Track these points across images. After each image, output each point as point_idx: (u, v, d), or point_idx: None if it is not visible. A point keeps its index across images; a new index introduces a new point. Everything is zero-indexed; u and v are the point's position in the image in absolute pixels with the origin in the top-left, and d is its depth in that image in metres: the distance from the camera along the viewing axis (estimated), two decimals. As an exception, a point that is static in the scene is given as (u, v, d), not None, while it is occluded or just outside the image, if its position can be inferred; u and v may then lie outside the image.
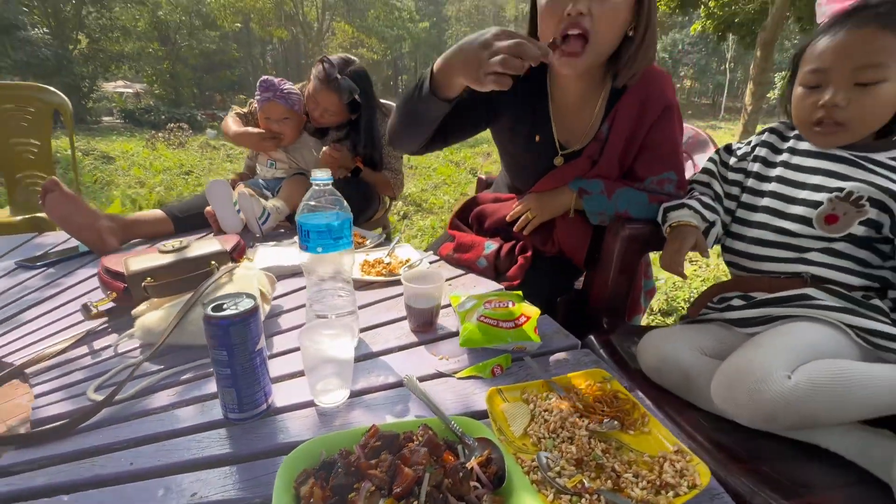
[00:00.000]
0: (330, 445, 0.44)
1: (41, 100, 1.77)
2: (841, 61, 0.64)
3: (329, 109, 1.39)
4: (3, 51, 13.86)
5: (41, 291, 0.88)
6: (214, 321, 0.47)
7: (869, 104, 0.64)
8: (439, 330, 0.74)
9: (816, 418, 0.54)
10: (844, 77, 0.64)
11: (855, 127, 0.66)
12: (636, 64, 0.82)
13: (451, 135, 0.95)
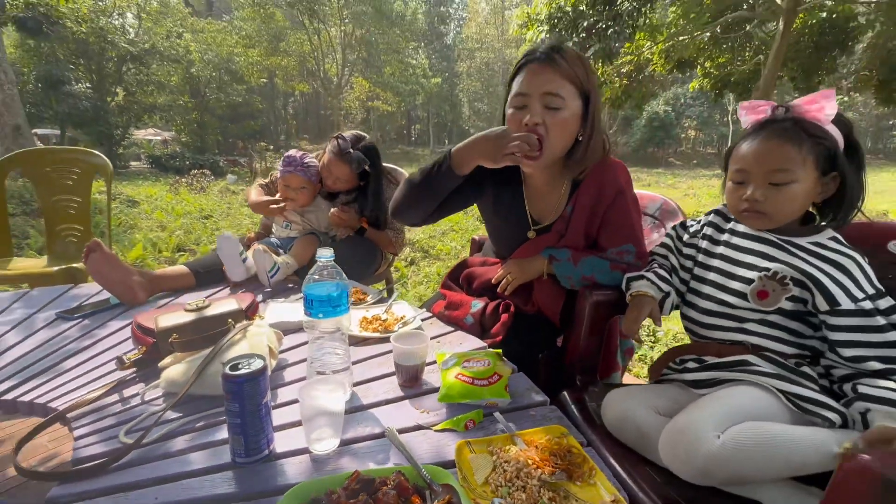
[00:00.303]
0: (318, 487, 0.53)
1: (86, 162, 1.99)
2: (757, 165, 0.76)
3: (341, 178, 1.56)
4: (48, 103, 15.05)
5: (78, 342, 1.00)
6: (231, 378, 0.58)
7: (781, 200, 0.76)
8: (424, 385, 0.84)
9: (744, 475, 0.62)
10: (760, 177, 0.76)
11: (774, 216, 0.77)
12: (585, 161, 1.01)
13: (445, 209, 1.12)
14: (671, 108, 29.26)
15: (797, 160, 0.73)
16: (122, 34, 17.20)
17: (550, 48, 0.95)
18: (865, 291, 0.71)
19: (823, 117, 0.75)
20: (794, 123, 0.75)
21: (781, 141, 0.74)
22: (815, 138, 0.74)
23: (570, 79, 0.94)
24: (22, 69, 15.00)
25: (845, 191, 0.75)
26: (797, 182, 0.74)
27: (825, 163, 0.74)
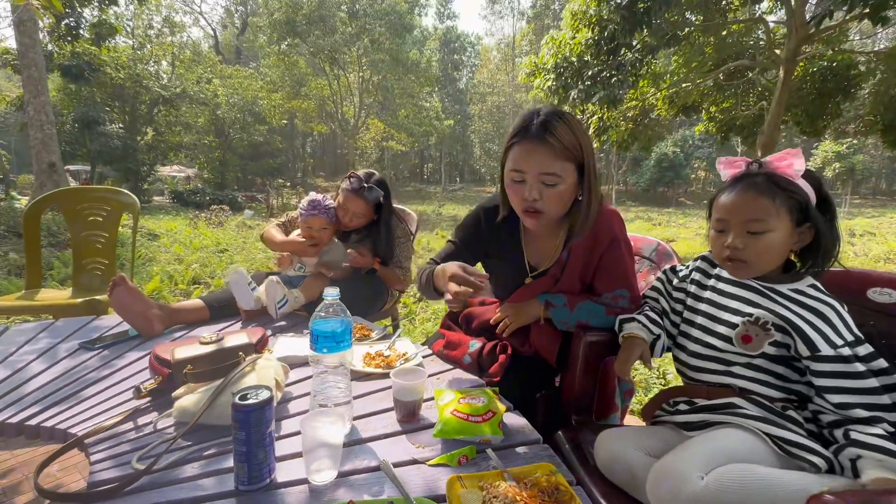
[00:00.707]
0: (315, 515, 0.57)
1: (117, 200, 2.14)
2: (735, 215, 0.82)
3: (358, 213, 1.65)
4: (82, 142, 15.98)
5: (98, 371, 1.06)
6: (240, 407, 0.63)
7: (759, 248, 0.80)
8: (421, 421, 0.87)
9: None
10: (739, 227, 0.82)
11: (754, 264, 0.82)
12: (588, 221, 1.05)
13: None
14: (680, 149, 29.69)
15: (771, 211, 0.78)
16: (157, 79, 18.43)
17: (542, 126, 0.96)
18: (844, 338, 0.73)
19: (793, 172, 0.81)
20: (767, 178, 0.80)
21: (756, 193, 0.80)
22: (787, 192, 0.79)
23: (564, 156, 0.97)
24: (62, 111, 16.07)
25: (820, 240, 0.80)
26: (773, 231, 0.79)
27: (798, 214, 0.79)
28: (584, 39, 5.98)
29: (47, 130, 9.32)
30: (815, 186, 0.81)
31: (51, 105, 9.48)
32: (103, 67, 15.47)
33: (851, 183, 30.67)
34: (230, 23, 36.69)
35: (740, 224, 0.81)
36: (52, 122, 9.41)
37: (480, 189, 37.58)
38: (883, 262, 7.86)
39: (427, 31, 35.40)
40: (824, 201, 0.82)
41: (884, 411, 0.69)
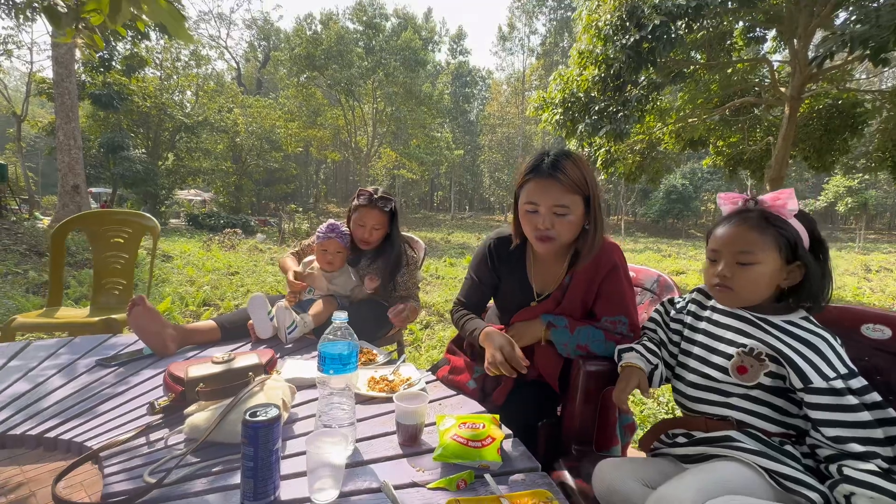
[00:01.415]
0: (316, 531, 0.59)
1: (139, 223, 2.23)
2: (726, 246, 0.86)
3: (376, 225, 1.70)
4: (106, 165, 16.63)
5: (113, 388, 1.10)
6: (250, 424, 0.66)
7: (746, 278, 0.84)
8: (423, 445, 0.89)
9: None
10: (729, 257, 0.85)
11: (740, 293, 0.85)
12: (593, 247, 1.12)
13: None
14: (689, 181, 29.84)
15: (760, 244, 0.82)
16: (181, 108, 19.30)
17: (553, 165, 1.08)
18: (837, 371, 0.75)
19: (786, 212, 0.84)
20: (760, 214, 0.84)
21: (748, 227, 0.84)
22: (778, 228, 0.82)
23: (572, 190, 1.07)
24: (89, 136, 16.84)
25: (810, 279, 0.82)
26: (760, 264, 0.82)
27: (788, 251, 0.82)
28: (591, 76, 6.19)
29: (74, 154, 9.76)
30: (809, 228, 0.84)
31: (80, 130, 9.97)
32: (131, 96, 16.30)
33: (865, 218, 30.34)
34: (253, 56, 38.59)
35: (730, 254, 0.85)
36: (79, 148, 9.86)
37: (489, 217, 37.89)
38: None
39: (440, 65, 36.83)
40: (818, 243, 0.85)
41: (878, 446, 0.69)
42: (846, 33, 4.33)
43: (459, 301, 1.35)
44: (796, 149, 8.44)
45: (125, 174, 16.52)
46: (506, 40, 41.38)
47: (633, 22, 5.30)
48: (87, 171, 14.23)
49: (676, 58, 6.83)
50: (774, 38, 8.00)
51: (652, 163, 9.21)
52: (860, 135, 8.22)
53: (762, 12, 6.86)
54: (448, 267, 8.46)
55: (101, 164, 16.82)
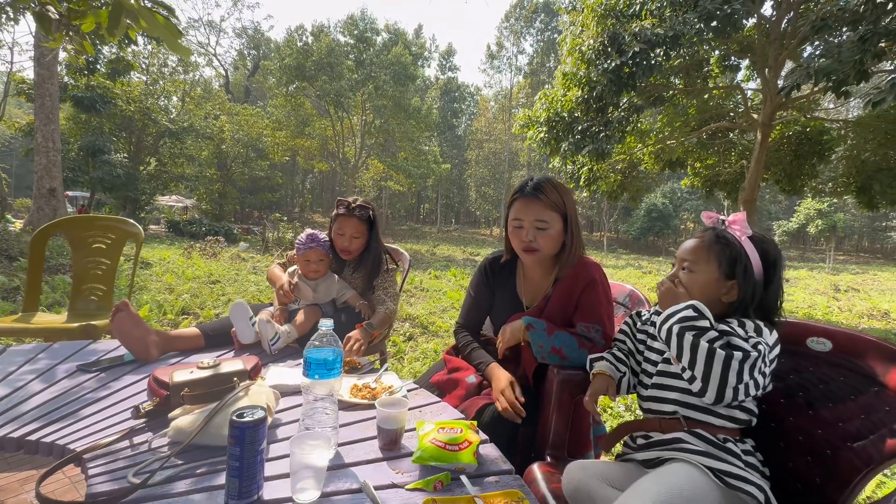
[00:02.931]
0: (298, 526, 0.62)
1: (122, 229, 2.22)
2: (680, 254, 0.96)
3: (355, 234, 1.75)
4: (85, 169, 16.24)
5: (95, 392, 1.10)
6: (237, 424, 0.69)
7: (688, 282, 0.94)
8: (402, 449, 0.92)
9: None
10: (679, 262, 0.96)
11: (682, 295, 0.93)
12: (571, 257, 1.27)
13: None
14: (668, 200, 30.72)
15: (702, 258, 0.93)
16: (166, 113, 19.06)
17: (535, 187, 1.26)
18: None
19: (742, 230, 0.93)
20: (720, 231, 0.94)
21: (699, 241, 0.95)
22: (723, 245, 0.91)
23: (552, 207, 1.25)
24: (69, 138, 16.45)
25: (743, 296, 0.89)
26: (698, 273, 0.93)
27: (727, 268, 0.90)
28: (575, 97, 6.41)
29: (52, 157, 9.54)
30: (762, 251, 0.91)
31: (59, 133, 9.77)
32: (115, 100, 16.03)
33: (834, 240, 31.63)
34: (242, 64, 38.50)
35: (679, 261, 0.98)
36: (57, 150, 9.65)
37: (475, 231, 38.16)
38: (867, 319, 8.01)
39: (429, 80, 37.37)
40: (771, 265, 0.91)
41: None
42: (811, 66, 4.62)
43: (460, 325, 1.48)
44: (768, 172, 8.83)
45: (105, 178, 16.14)
46: (494, 58, 42.33)
47: (614, 48, 5.54)
48: (65, 175, 13.88)
49: (656, 82, 7.13)
50: (748, 66, 8.43)
51: (633, 182, 9.49)
52: (827, 160, 8.66)
53: (736, 42, 7.25)
54: (433, 279, 8.49)
55: (80, 167, 16.40)
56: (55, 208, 9.61)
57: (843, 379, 0.83)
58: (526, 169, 34.63)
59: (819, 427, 0.83)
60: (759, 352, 0.79)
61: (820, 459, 0.80)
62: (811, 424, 0.85)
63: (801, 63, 5.17)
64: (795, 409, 0.88)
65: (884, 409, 0.75)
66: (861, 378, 0.80)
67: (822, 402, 0.84)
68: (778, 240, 32.98)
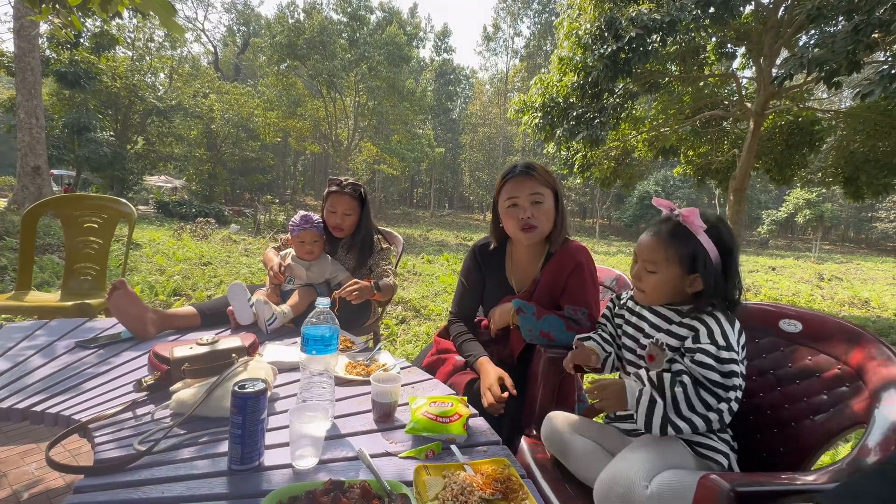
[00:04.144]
0: (297, 490, 0.66)
1: (115, 209, 2.21)
2: (641, 253, 0.97)
3: (347, 210, 1.78)
4: (70, 147, 15.85)
5: (96, 367, 1.13)
6: (239, 395, 0.73)
7: (652, 283, 0.94)
8: (395, 422, 0.97)
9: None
10: (641, 264, 0.97)
11: (650, 294, 0.96)
12: (561, 234, 1.32)
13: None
14: (661, 188, 30.85)
15: (662, 258, 0.92)
16: (153, 91, 18.54)
17: (526, 166, 1.31)
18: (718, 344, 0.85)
19: (696, 227, 0.91)
20: (673, 227, 0.92)
21: (657, 241, 0.94)
22: (681, 242, 0.91)
23: (544, 183, 1.30)
24: (52, 115, 15.98)
25: (707, 288, 0.89)
26: (660, 274, 0.93)
27: (689, 264, 0.90)
28: (570, 83, 6.37)
29: (36, 134, 9.30)
30: (716, 241, 0.90)
31: (42, 109, 9.50)
32: (100, 76, 15.55)
33: (821, 229, 32.16)
34: (231, 41, 37.43)
35: (642, 262, 0.97)
36: (41, 127, 9.40)
37: (468, 216, 38.10)
38: (847, 307, 8.24)
39: (424, 62, 36.69)
40: (727, 252, 0.91)
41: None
42: (804, 56, 4.64)
43: (454, 313, 1.50)
44: (759, 161, 8.91)
45: (91, 157, 15.78)
46: (490, 41, 41.62)
47: (611, 33, 5.50)
48: (50, 152, 13.53)
49: (652, 69, 7.10)
50: (744, 54, 8.41)
51: (626, 169, 9.53)
52: (817, 150, 8.75)
53: (733, 29, 7.22)
54: (425, 264, 8.53)
55: (65, 145, 15.99)
56: (40, 187, 9.41)
57: (811, 358, 0.88)
58: (520, 154, 34.44)
59: (786, 402, 0.89)
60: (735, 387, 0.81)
61: (785, 431, 0.86)
62: (779, 400, 0.91)
63: (796, 52, 5.18)
64: (766, 386, 0.94)
65: (844, 385, 0.81)
66: (826, 357, 0.86)
67: (791, 380, 0.90)
68: (766, 229, 33.49)
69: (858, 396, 0.77)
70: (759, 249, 28.29)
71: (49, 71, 14.19)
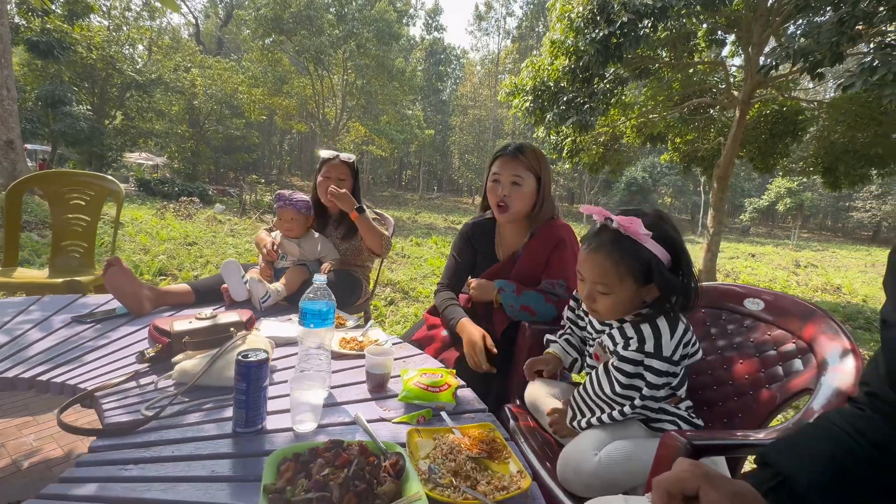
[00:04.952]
0: (302, 447, 0.72)
1: (102, 186, 2.19)
2: (588, 274, 0.92)
3: (341, 176, 1.83)
4: (45, 121, 15.23)
5: (95, 341, 1.16)
6: (243, 363, 0.78)
7: (606, 304, 0.90)
8: (388, 392, 1.03)
9: (617, 483, 0.82)
10: (591, 285, 0.91)
11: (605, 314, 0.93)
12: (540, 216, 1.39)
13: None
14: (648, 174, 31.17)
15: (614, 278, 0.86)
16: (131, 63, 17.81)
17: (516, 148, 1.39)
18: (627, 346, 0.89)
19: (642, 235, 0.83)
20: (615, 239, 0.85)
21: (603, 258, 0.86)
22: (631, 258, 0.84)
23: (528, 168, 1.37)
24: (24, 86, 15.29)
25: (665, 295, 0.86)
26: (615, 294, 0.87)
27: (643, 275, 0.85)
28: (562, 66, 6.35)
29: (7, 106, 8.90)
30: (663, 242, 0.85)
31: (14, 80, 9.07)
32: (74, 46, 14.86)
33: (801, 218, 32.99)
34: (213, 12, 35.95)
35: (591, 283, 0.90)
36: (13, 99, 8.99)
37: (457, 199, 37.99)
38: (821, 292, 8.59)
39: (414, 40, 35.85)
40: (680, 253, 0.87)
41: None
42: (790, 46, 4.71)
43: (442, 284, 1.56)
44: (743, 150, 9.06)
45: (67, 131, 15.20)
46: (482, 20, 40.82)
47: (603, 17, 5.48)
48: (23, 126, 12.99)
49: (643, 54, 7.11)
50: (733, 42, 8.46)
51: (614, 155, 9.61)
52: (800, 140, 8.93)
53: (724, 16, 7.24)
54: (414, 246, 8.56)
55: (39, 118, 15.36)
56: (14, 162, 9.06)
57: (769, 333, 0.97)
58: (510, 138, 34.25)
59: (746, 373, 0.97)
60: (637, 388, 0.86)
61: (743, 399, 0.95)
62: (741, 371, 0.99)
63: (783, 42, 5.25)
64: (728, 359, 1.03)
65: (797, 357, 0.89)
66: (783, 332, 0.94)
67: (751, 353, 0.98)
68: (748, 217, 34.13)
69: (809, 366, 0.86)
70: (740, 237, 28.97)
71: (19, 39, 13.51)
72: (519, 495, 0.70)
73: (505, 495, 0.69)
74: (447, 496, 0.68)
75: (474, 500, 0.68)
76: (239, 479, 0.69)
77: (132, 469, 0.69)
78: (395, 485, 0.67)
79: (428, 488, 0.68)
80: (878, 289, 9.20)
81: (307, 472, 0.65)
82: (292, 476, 0.64)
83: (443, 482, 0.71)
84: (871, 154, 7.71)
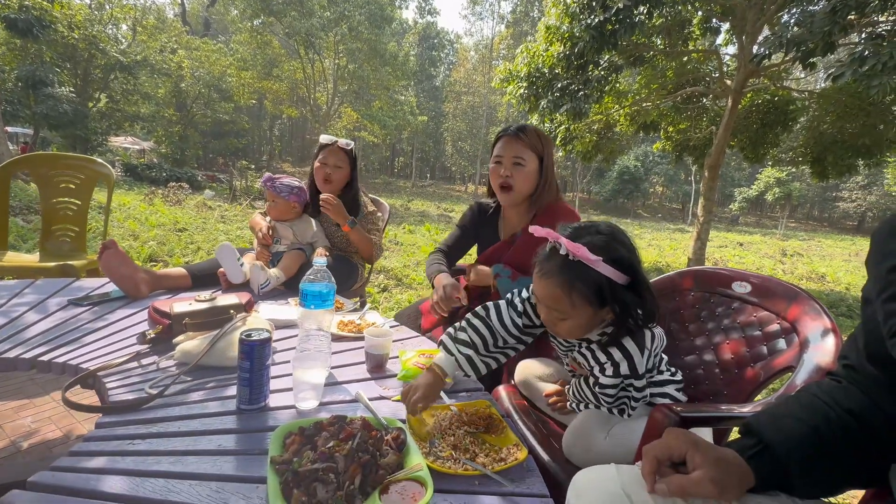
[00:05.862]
0: (306, 423, 0.74)
1: (92, 169, 2.16)
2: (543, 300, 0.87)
3: (338, 163, 1.83)
4: (26, 103, 14.77)
5: (93, 323, 1.16)
6: (247, 342, 0.79)
7: (565, 328, 0.86)
8: (387, 372, 1.05)
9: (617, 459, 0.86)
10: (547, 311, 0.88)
11: (565, 336, 0.91)
12: (542, 198, 1.42)
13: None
14: (640, 163, 31.26)
15: (568, 304, 0.82)
16: (115, 44, 17.27)
17: (519, 128, 1.40)
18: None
19: (592, 260, 0.78)
20: (565, 263, 0.81)
21: (555, 285, 0.82)
22: (583, 281, 0.80)
23: (531, 148, 1.39)
24: (4, 66, 14.78)
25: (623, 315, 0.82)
26: (571, 319, 0.84)
27: (597, 298, 0.81)
28: (556, 53, 6.31)
29: (-12, 87, 8.62)
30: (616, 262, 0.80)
31: (-7, 60, 8.77)
32: (55, 24, 14.35)
33: (788, 207, 33.49)
34: (199, -8, 34.83)
35: (547, 309, 0.87)
36: (-6, 79, 8.71)
37: (450, 187, 37.86)
38: (805, 281, 8.78)
39: (407, 24, 35.21)
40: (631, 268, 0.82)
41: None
42: (783, 36, 4.73)
43: (440, 248, 1.61)
44: (735, 140, 9.14)
45: (49, 114, 14.76)
46: (476, 4, 40.15)
47: (598, 3, 5.44)
48: (3, 108, 12.63)
49: (638, 42, 7.08)
50: (728, 31, 8.45)
51: (607, 143, 9.63)
52: (790, 130, 9.03)
53: (719, 4, 7.22)
54: (407, 234, 8.56)
55: (20, 100, 14.87)
56: (-5, 144, 8.82)
57: (756, 315, 1.01)
58: (504, 125, 34.03)
59: (732, 353, 1.01)
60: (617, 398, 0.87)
61: (729, 376, 0.99)
62: (727, 350, 1.03)
63: (776, 31, 5.26)
64: (717, 341, 1.07)
65: (781, 337, 0.93)
66: (768, 313, 0.98)
67: (738, 333, 1.02)
68: (738, 206, 34.50)
69: (791, 346, 0.90)
70: (729, 226, 29.37)
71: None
72: (516, 466, 0.73)
73: (503, 466, 0.72)
74: (448, 467, 0.71)
75: (474, 471, 0.71)
76: (245, 453, 0.71)
77: (140, 444, 0.71)
78: (398, 457, 0.69)
79: (429, 460, 0.71)
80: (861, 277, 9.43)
81: (313, 445, 0.67)
82: (298, 448, 0.67)
83: (443, 455, 0.73)
84: (859, 144, 7.82)
